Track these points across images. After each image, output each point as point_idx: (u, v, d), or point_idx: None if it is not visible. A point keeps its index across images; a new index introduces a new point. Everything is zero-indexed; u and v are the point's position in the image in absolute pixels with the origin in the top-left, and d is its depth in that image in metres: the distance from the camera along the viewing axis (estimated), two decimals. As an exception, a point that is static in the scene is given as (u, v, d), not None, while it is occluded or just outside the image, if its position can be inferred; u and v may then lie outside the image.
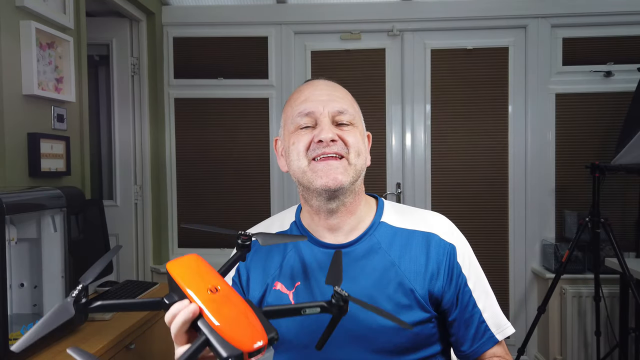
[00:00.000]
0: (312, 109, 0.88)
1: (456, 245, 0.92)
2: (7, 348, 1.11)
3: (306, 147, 0.87)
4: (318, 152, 0.86)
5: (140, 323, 1.55)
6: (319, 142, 0.86)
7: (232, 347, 0.51)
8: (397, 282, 0.87)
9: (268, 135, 2.78)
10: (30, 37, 1.61)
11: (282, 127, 0.96)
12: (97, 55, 2.72)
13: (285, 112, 0.95)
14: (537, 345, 2.69)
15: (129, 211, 2.65)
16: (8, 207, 1.13)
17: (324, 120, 0.87)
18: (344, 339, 0.85)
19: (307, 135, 0.88)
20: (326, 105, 0.88)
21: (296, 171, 0.89)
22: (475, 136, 2.73)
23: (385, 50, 2.75)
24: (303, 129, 0.89)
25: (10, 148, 1.56)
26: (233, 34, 2.78)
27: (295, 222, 0.97)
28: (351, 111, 0.91)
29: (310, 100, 0.89)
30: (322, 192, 0.86)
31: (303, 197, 0.94)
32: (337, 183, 0.85)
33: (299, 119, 0.89)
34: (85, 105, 1.97)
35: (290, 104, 0.93)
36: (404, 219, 0.95)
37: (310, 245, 0.92)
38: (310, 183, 0.87)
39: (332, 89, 0.92)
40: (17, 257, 1.31)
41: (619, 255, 2.11)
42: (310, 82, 0.96)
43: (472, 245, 0.97)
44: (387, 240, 0.91)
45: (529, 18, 2.67)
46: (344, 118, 0.89)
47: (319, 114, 0.88)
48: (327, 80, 0.96)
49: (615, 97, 2.64)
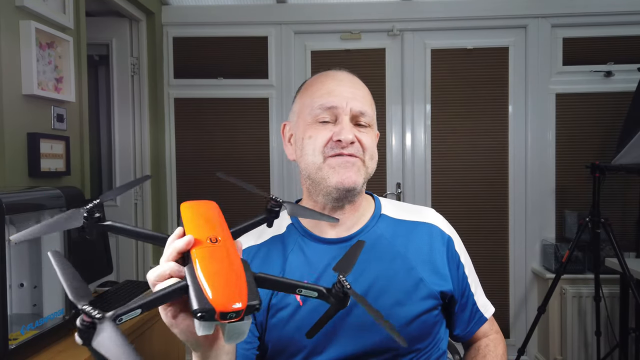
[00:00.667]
0: (335, 103, 0.87)
1: (452, 235, 0.96)
2: (7, 348, 1.11)
3: (324, 143, 0.86)
4: (335, 152, 0.85)
5: (140, 323, 1.55)
6: (338, 141, 0.85)
7: (205, 301, 0.46)
8: (405, 271, 0.88)
9: (268, 135, 2.78)
10: (30, 37, 1.61)
11: (296, 114, 0.93)
12: (97, 55, 2.72)
13: (302, 100, 0.93)
14: (537, 345, 2.69)
15: (128, 211, 2.65)
16: (8, 207, 1.13)
17: (345, 118, 0.86)
18: (349, 328, 0.85)
19: (326, 132, 0.86)
20: (349, 102, 0.87)
21: (309, 165, 0.88)
22: (475, 136, 2.72)
23: (385, 50, 2.75)
24: (321, 122, 0.87)
25: (10, 148, 1.56)
26: (233, 34, 2.77)
27: (293, 224, 0.95)
28: (370, 113, 0.90)
29: (334, 95, 0.87)
30: (334, 190, 0.86)
31: (308, 190, 0.92)
32: (351, 182, 0.85)
33: (319, 112, 0.87)
34: (85, 105, 1.97)
35: (310, 93, 0.91)
36: (402, 211, 0.97)
37: (313, 243, 0.91)
38: (324, 180, 0.86)
39: (356, 86, 0.91)
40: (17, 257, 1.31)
41: (619, 255, 2.11)
42: (332, 72, 0.93)
43: (472, 245, 1.03)
44: (390, 231, 0.92)
45: (529, 18, 2.67)
46: (363, 120, 0.89)
47: (341, 110, 0.86)
48: (349, 74, 0.94)
49: (616, 97, 2.63)
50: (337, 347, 0.84)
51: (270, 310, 0.86)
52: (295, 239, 0.92)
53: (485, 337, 1.00)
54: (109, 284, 1.96)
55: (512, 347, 2.58)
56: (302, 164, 0.90)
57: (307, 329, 0.85)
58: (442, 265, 0.91)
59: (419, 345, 0.87)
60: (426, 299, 0.87)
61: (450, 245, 0.94)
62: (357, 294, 0.55)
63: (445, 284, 0.90)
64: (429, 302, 0.87)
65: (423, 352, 0.88)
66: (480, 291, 0.99)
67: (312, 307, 0.84)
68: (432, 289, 0.88)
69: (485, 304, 0.99)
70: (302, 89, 0.95)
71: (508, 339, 2.71)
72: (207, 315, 0.46)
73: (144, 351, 1.62)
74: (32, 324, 1.24)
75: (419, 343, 0.87)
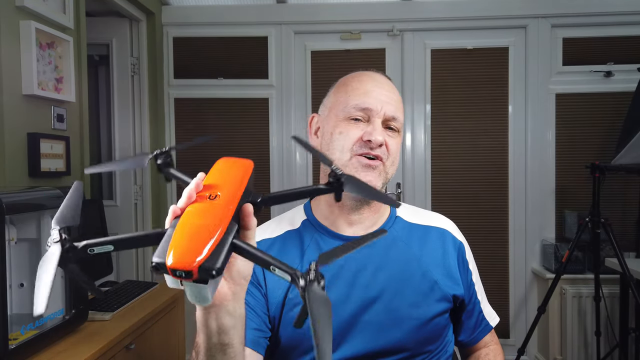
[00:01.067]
0: (370, 105, 0.88)
1: (463, 242, 0.99)
2: (7, 348, 1.11)
3: (354, 141, 0.87)
4: (363, 151, 0.87)
5: (140, 323, 1.55)
6: (368, 141, 0.86)
7: (163, 255, 0.44)
8: (421, 274, 0.89)
9: (268, 135, 2.78)
10: (30, 37, 1.61)
11: (328, 108, 0.94)
12: (97, 55, 2.72)
13: (336, 96, 0.93)
14: (537, 345, 2.69)
15: (128, 211, 2.65)
16: (8, 207, 1.13)
17: (377, 121, 0.88)
18: (364, 327, 0.85)
19: (357, 130, 0.88)
20: (384, 105, 0.88)
21: (336, 161, 0.88)
22: (475, 136, 2.73)
23: (385, 50, 2.75)
24: (354, 120, 0.89)
25: (10, 148, 1.56)
26: (233, 34, 2.77)
27: (308, 219, 0.95)
28: (401, 119, 0.92)
29: (371, 97, 0.89)
30: None
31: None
32: (372, 185, 0.85)
33: (353, 111, 0.88)
34: (85, 105, 1.97)
35: (347, 90, 0.91)
36: (415, 215, 0.99)
37: (330, 239, 0.91)
38: None
39: (392, 91, 0.92)
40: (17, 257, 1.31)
41: (619, 255, 2.11)
42: (370, 73, 0.95)
43: (472, 245, 1.03)
44: (405, 234, 0.94)
45: (529, 18, 2.67)
46: (393, 124, 0.90)
47: (375, 113, 0.88)
48: (386, 78, 0.95)
49: (616, 97, 2.63)
50: (350, 345, 0.85)
51: (285, 305, 0.86)
52: (312, 235, 0.92)
53: (485, 347, 1.01)
54: (109, 284, 1.96)
55: (512, 347, 2.58)
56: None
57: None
58: (454, 270, 0.93)
59: (431, 347, 0.89)
60: (440, 302, 0.89)
61: (461, 251, 0.97)
62: (315, 290, 0.45)
63: (457, 287, 0.92)
64: (442, 305, 0.89)
65: (434, 354, 0.90)
66: (485, 300, 1.01)
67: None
68: (446, 291, 0.90)
69: (490, 312, 1.01)
70: (337, 85, 0.96)
71: (508, 339, 2.72)
72: (159, 268, 0.45)
73: (144, 351, 1.62)
74: (32, 324, 1.24)
75: (431, 345, 0.89)
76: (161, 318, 1.75)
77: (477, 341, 0.99)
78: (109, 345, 1.34)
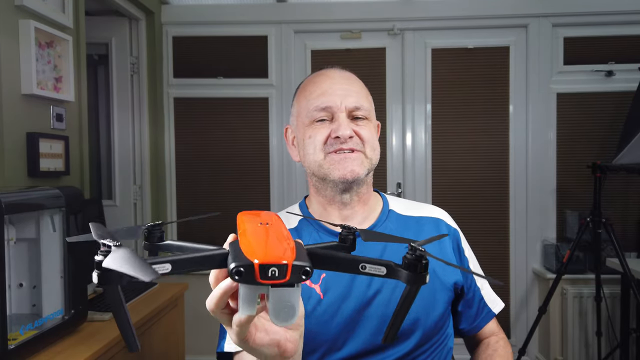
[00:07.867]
0: (329, 103, 0.89)
1: (457, 229, 1.00)
2: (6, 348, 1.10)
3: (323, 141, 0.89)
4: (335, 148, 0.88)
5: (140, 323, 1.55)
6: (336, 137, 0.87)
7: (242, 259, 0.39)
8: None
9: (268, 135, 2.78)
10: (29, 36, 1.60)
11: (295, 117, 0.96)
12: (96, 54, 2.71)
13: (298, 103, 0.95)
14: (538, 345, 2.69)
15: (128, 211, 2.64)
16: (7, 207, 1.12)
17: (341, 115, 0.89)
18: (369, 321, 0.85)
19: (324, 130, 0.89)
20: (343, 100, 0.89)
21: (312, 164, 0.90)
22: (476, 136, 2.72)
23: (385, 49, 2.74)
24: (319, 122, 0.90)
25: (9, 148, 1.55)
26: (233, 33, 2.77)
27: (305, 218, 0.96)
28: (366, 106, 0.92)
29: (327, 94, 0.90)
30: (339, 183, 0.88)
31: (315, 187, 0.95)
32: (354, 175, 0.87)
33: (315, 113, 0.90)
34: (85, 104, 1.96)
35: (305, 95, 0.93)
36: (408, 207, 1.00)
37: (328, 236, 0.92)
38: (327, 175, 0.88)
39: (349, 82, 0.93)
40: (16, 257, 1.30)
41: (620, 255, 2.11)
42: (324, 72, 0.95)
43: (472, 245, 1.02)
44: (400, 227, 0.94)
45: (530, 17, 2.66)
46: (359, 113, 0.91)
47: (336, 108, 0.89)
48: (342, 71, 0.96)
49: (617, 96, 2.63)
50: (357, 341, 0.85)
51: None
52: (310, 232, 0.93)
53: (494, 335, 1.01)
54: (109, 284, 1.95)
55: (512, 348, 2.57)
56: (305, 164, 0.93)
57: (328, 323, 0.84)
58: (451, 257, 0.94)
59: (432, 339, 0.89)
60: (445, 292, 0.90)
61: (456, 238, 0.98)
62: (434, 256, 0.44)
63: (455, 274, 0.92)
64: (447, 294, 0.91)
65: (435, 346, 0.90)
66: (487, 286, 1.00)
67: (332, 300, 0.85)
68: (444, 280, 0.90)
69: (494, 299, 1.00)
70: (298, 92, 0.97)
71: (509, 339, 2.71)
72: (244, 272, 0.38)
73: (144, 351, 1.61)
74: (31, 324, 1.23)
75: (433, 337, 0.89)
76: (161, 318, 1.75)
77: (479, 328, 0.99)
78: (109, 346, 1.34)
